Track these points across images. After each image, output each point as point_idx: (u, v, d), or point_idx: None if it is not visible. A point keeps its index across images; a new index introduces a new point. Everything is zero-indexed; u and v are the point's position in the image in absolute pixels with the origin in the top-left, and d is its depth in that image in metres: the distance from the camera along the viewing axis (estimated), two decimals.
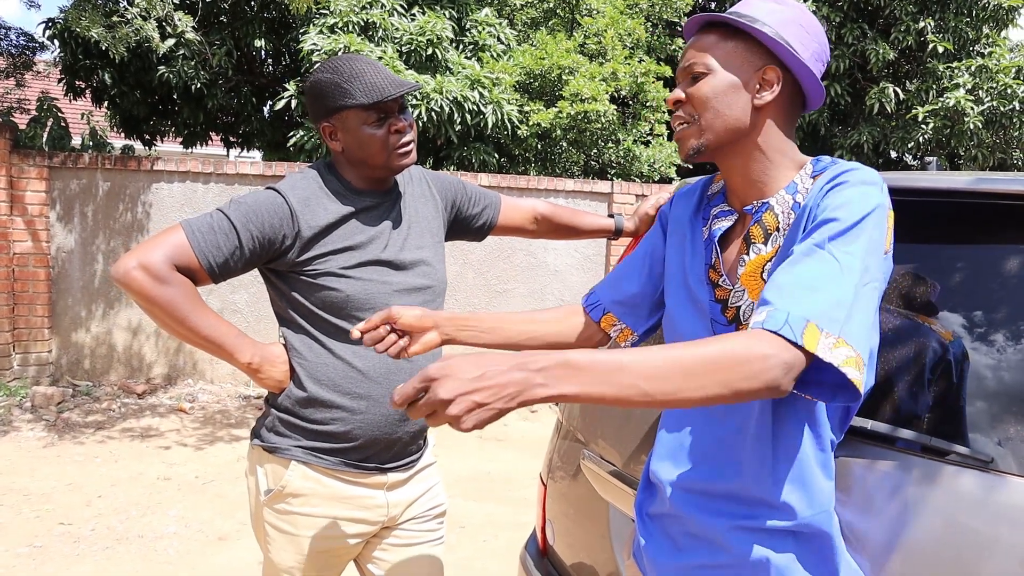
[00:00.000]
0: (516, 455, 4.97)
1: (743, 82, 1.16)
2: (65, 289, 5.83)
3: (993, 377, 1.19)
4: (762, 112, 1.17)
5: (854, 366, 0.96)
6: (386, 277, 1.58)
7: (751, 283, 1.17)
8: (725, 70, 1.17)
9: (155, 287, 1.42)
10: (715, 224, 1.25)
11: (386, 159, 1.57)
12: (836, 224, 1.03)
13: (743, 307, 1.18)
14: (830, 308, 0.97)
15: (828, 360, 0.95)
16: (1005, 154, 7.23)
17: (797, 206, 1.14)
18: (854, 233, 1.02)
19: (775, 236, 1.15)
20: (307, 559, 1.61)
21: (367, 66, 1.55)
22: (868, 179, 1.08)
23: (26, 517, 3.66)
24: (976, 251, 1.31)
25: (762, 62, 1.16)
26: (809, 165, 1.18)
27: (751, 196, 1.20)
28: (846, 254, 1.00)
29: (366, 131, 1.55)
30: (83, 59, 6.90)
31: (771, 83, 1.16)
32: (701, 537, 1.19)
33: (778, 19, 1.16)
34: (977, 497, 1.13)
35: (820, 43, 1.19)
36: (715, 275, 1.23)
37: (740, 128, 1.17)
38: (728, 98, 1.16)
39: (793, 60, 1.15)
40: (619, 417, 1.78)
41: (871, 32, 7.21)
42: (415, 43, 6.21)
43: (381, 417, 1.58)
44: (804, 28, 1.17)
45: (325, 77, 1.55)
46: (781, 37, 1.15)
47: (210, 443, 4.92)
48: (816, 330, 0.95)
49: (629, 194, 6.75)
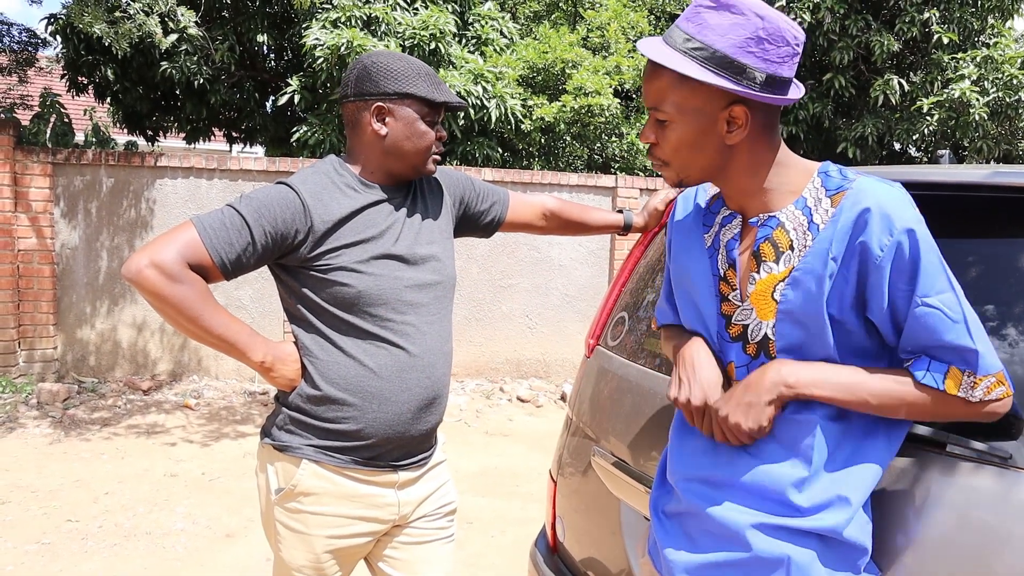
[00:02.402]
0: (522, 450, 4.97)
1: (709, 126, 1.10)
2: (70, 286, 5.84)
3: (1011, 372, 1.18)
4: (737, 146, 1.12)
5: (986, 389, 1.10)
6: (398, 272, 1.57)
7: (760, 303, 1.15)
8: (687, 116, 1.09)
9: (168, 286, 1.41)
10: (724, 233, 1.22)
11: (423, 159, 1.61)
12: (921, 283, 1.07)
13: (751, 326, 1.16)
14: (960, 356, 1.08)
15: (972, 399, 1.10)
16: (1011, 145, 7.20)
17: (815, 227, 1.11)
18: (929, 275, 1.07)
19: (788, 256, 1.12)
20: (318, 558, 1.61)
21: (431, 70, 1.61)
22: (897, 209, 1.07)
23: (34, 514, 3.66)
24: (993, 245, 1.30)
25: (726, 100, 1.08)
26: (817, 178, 1.14)
27: (753, 208, 1.17)
28: (938, 299, 1.07)
29: (421, 125, 1.58)
30: (86, 55, 6.89)
31: (739, 119, 1.09)
32: (719, 535, 1.18)
33: (734, 40, 1.06)
34: (996, 493, 1.12)
35: (789, 41, 1.08)
36: (726, 288, 1.21)
37: (718, 165, 1.14)
38: (697, 146, 1.11)
39: (756, 95, 1.06)
40: (630, 414, 1.77)
41: (875, 23, 7.16)
42: (418, 37, 6.18)
43: (393, 416, 1.57)
44: (767, 39, 1.06)
45: (393, 62, 1.57)
46: (739, 66, 1.05)
47: (216, 439, 4.92)
48: (958, 373, 1.09)
49: (633, 188, 6.73)
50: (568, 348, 6.72)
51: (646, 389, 1.72)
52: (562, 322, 6.74)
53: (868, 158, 7.40)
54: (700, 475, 1.22)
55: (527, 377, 6.69)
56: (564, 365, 6.74)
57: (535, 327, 6.70)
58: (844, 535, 1.11)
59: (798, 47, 1.10)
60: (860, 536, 1.13)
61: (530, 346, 6.69)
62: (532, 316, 6.70)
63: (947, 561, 1.13)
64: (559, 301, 6.73)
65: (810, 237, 1.11)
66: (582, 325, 6.73)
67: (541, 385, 6.52)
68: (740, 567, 1.15)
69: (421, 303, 1.60)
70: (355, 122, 1.60)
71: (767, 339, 1.15)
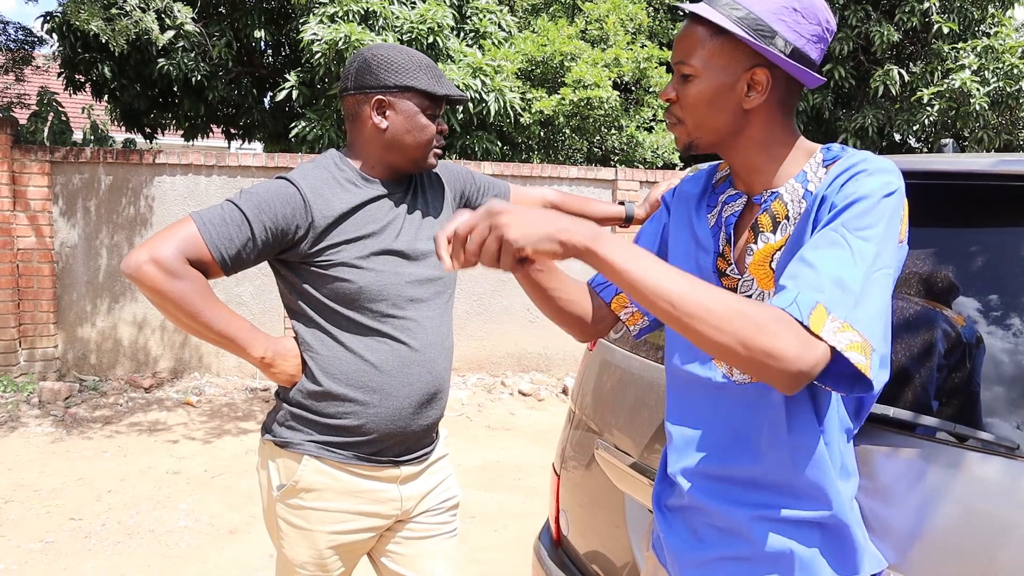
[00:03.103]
0: (524, 444, 4.97)
1: (730, 85, 1.12)
2: (70, 284, 5.83)
3: (1016, 362, 1.18)
4: (753, 112, 1.13)
5: (859, 351, 0.94)
6: (399, 268, 1.56)
7: (759, 272, 1.15)
8: (712, 72, 1.12)
9: (167, 281, 1.40)
10: (726, 210, 1.22)
11: (424, 153, 1.59)
12: (853, 211, 1.01)
13: (754, 296, 1.16)
14: (839, 292, 0.96)
15: (831, 343, 0.94)
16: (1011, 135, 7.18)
17: (809, 195, 1.12)
18: (870, 219, 1.00)
19: (784, 224, 1.13)
20: (321, 554, 1.60)
21: (432, 63, 1.59)
22: (885, 167, 1.06)
23: (37, 513, 3.66)
24: (998, 234, 1.29)
25: (751, 62, 1.11)
26: (819, 154, 1.15)
27: (758, 185, 1.18)
28: (860, 240, 0.99)
29: (422, 119, 1.57)
30: (82, 53, 6.87)
31: (760, 85, 1.11)
32: (723, 528, 1.17)
33: (769, 6, 1.10)
34: (1003, 484, 1.11)
35: (820, 22, 1.12)
36: (723, 263, 1.21)
37: (731, 130, 1.15)
38: (715, 103, 1.13)
39: (781, 60, 1.09)
40: (633, 407, 1.77)
41: (875, 14, 7.14)
42: (416, 31, 6.16)
43: (394, 411, 1.56)
44: (800, 11, 1.10)
45: (394, 55, 1.55)
46: (769, 31, 1.09)
47: (218, 436, 4.92)
48: (824, 312, 0.94)
49: (633, 180, 6.72)
50: (569, 341, 6.71)
51: (649, 381, 1.71)
52: None
53: (868, 149, 7.39)
54: (699, 469, 1.21)
55: (528, 371, 6.68)
56: (565, 358, 6.73)
57: (536, 320, 6.69)
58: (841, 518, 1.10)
59: (828, 31, 1.13)
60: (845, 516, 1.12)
61: (531, 340, 6.69)
62: (533, 309, 6.69)
63: (954, 552, 1.13)
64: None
65: (803, 205, 1.12)
66: None
67: (542, 379, 6.52)
68: (743, 562, 1.14)
69: (422, 298, 1.60)
70: (355, 115, 1.59)
71: None
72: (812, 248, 1.01)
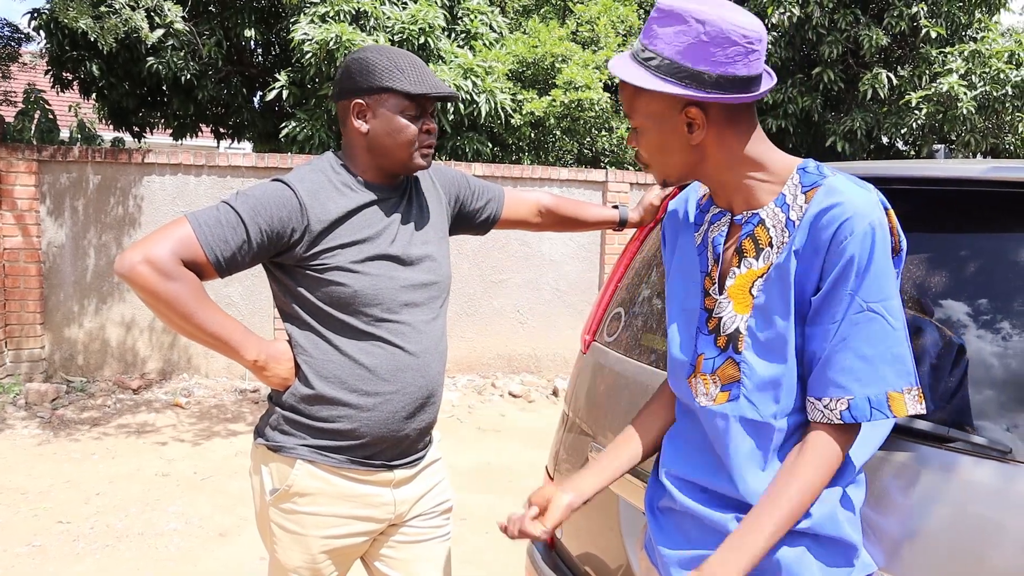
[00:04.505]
0: (515, 446, 4.97)
1: (671, 128, 1.16)
2: (57, 284, 5.78)
3: (1008, 367, 1.19)
4: (704, 144, 1.16)
5: (920, 400, 1.09)
6: (393, 272, 1.56)
7: (737, 296, 1.18)
8: (651, 123, 1.17)
9: (161, 282, 1.39)
10: (712, 231, 1.25)
11: (409, 155, 1.56)
12: (865, 283, 1.06)
13: (725, 319, 1.19)
14: (900, 367, 1.08)
15: (918, 413, 1.09)
16: (998, 139, 7.24)
17: (791, 224, 1.13)
18: (882, 279, 1.07)
19: (767, 252, 1.15)
20: (314, 558, 1.60)
21: (416, 61, 1.56)
22: (862, 203, 1.07)
23: (24, 516, 3.63)
24: (990, 240, 1.30)
25: (681, 103, 1.13)
26: (796, 175, 1.16)
27: (737, 206, 1.20)
28: (883, 306, 1.07)
29: (401, 120, 1.54)
30: (70, 50, 6.81)
31: (698, 120, 1.13)
32: (711, 530, 1.20)
33: (679, 47, 1.10)
34: (996, 487, 1.12)
35: (737, 40, 1.10)
36: (709, 283, 1.23)
37: (692, 163, 1.19)
38: (665, 148, 1.18)
39: (706, 95, 1.10)
40: (626, 409, 1.77)
41: (864, 18, 7.18)
42: (407, 32, 6.15)
43: (388, 414, 1.56)
44: (709, 42, 1.09)
45: (373, 56, 1.54)
46: (686, 71, 1.10)
47: (207, 438, 4.89)
48: (899, 396, 1.07)
49: (623, 182, 6.73)
50: (559, 343, 6.72)
51: (643, 385, 1.72)
52: (553, 317, 6.74)
53: (857, 152, 7.43)
54: (690, 477, 1.24)
55: (519, 372, 6.68)
56: (555, 360, 6.74)
57: (526, 322, 6.69)
58: (827, 532, 1.13)
59: (750, 44, 1.11)
60: (848, 531, 1.14)
61: (521, 341, 6.69)
62: (523, 311, 6.70)
63: (946, 555, 1.14)
64: (550, 296, 6.72)
65: (787, 234, 1.14)
66: (573, 320, 6.73)
67: (533, 380, 6.52)
68: None
69: (416, 303, 1.59)
70: (343, 121, 1.59)
71: (738, 333, 1.17)
72: (851, 335, 1.07)
